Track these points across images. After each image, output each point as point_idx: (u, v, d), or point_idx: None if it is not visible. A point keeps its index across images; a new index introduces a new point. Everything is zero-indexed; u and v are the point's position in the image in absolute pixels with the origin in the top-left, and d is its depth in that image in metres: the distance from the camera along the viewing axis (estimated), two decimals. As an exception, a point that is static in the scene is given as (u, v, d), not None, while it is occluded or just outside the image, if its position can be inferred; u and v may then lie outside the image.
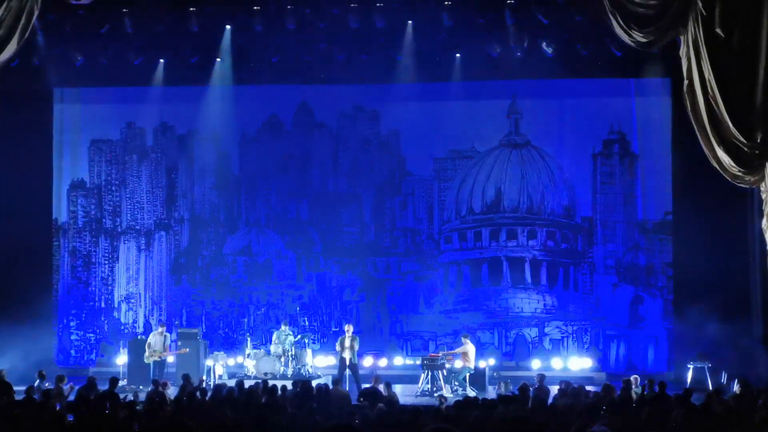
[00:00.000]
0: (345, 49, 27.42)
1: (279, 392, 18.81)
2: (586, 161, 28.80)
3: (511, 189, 29.10)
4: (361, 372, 25.32)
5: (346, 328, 25.77)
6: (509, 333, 28.75)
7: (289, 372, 25.79)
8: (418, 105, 28.93)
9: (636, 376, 21.85)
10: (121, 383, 23.22)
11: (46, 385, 21.42)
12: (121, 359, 26.69)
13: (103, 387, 20.22)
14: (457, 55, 27.56)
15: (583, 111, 28.70)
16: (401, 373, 27.10)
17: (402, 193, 29.50)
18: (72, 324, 29.73)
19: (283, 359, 26.07)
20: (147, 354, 25.87)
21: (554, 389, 20.51)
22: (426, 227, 29.42)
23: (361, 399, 19.35)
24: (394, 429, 13.45)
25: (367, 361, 27.47)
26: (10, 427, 13.39)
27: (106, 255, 29.99)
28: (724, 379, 24.27)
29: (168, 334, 26.65)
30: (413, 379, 25.56)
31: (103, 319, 29.73)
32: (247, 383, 20.76)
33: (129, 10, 25.96)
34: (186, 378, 21.17)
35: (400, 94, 28.80)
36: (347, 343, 25.24)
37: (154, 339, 26.14)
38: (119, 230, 30.00)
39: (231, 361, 27.52)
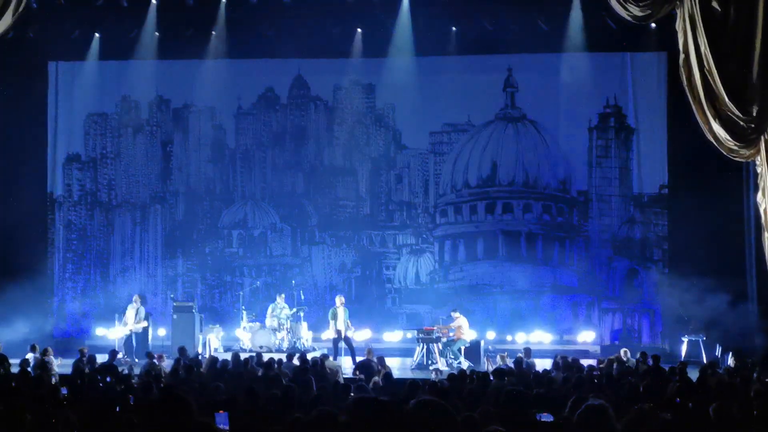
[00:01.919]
0: (340, 23, 27.39)
1: (274, 365, 18.86)
2: (582, 135, 28.77)
3: (506, 163, 29.09)
4: (354, 344, 25.35)
5: (337, 300, 25.76)
6: (505, 306, 28.75)
7: (285, 345, 25.85)
8: (414, 79, 28.83)
9: (626, 349, 21.94)
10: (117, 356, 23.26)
11: (38, 357, 21.44)
12: (117, 332, 26.66)
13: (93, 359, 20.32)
14: (453, 28, 27.50)
15: (578, 85, 28.58)
16: (396, 346, 27.15)
17: (397, 166, 29.48)
18: (68, 297, 29.75)
19: (278, 332, 26.12)
20: (119, 326, 26.07)
21: (549, 363, 20.57)
22: (421, 201, 29.42)
23: (357, 372, 19.43)
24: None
25: (363, 334, 27.45)
26: (6, 399, 13.40)
27: (102, 228, 29.97)
28: (718, 352, 24.31)
29: (141, 307, 26.65)
30: (408, 353, 25.60)
31: (98, 292, 29.73)
32: (243, 356, 20.83)
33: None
34: (182, 351, 21.23)
35: (395, 68, 28.73)
36: (340, 315, 25.25)
37: (129, 311, 26.24)
38: (114, 203, 29.98)
39: (226, 334, 27.53)
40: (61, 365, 21.88)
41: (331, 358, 21.91)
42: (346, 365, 23.16)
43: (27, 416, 10.22)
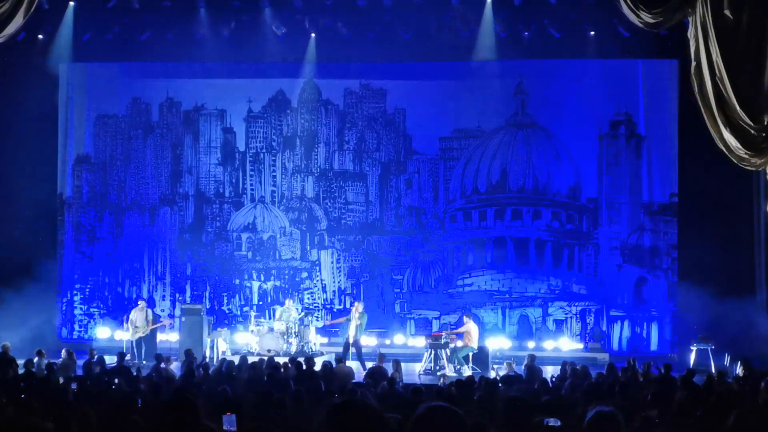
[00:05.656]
0: (352, 27, 27.40)
1: (282, 369, 18.83)
2: (593, 142, 28.75)
3: (516, 169, 29.06)
4: (364, 350, 25.30)
5: (355, 306, 25.68)
6: (513, 313, 28.75)
7: (293, 349, 25.85)
8: (425, 84, 28.91)
9: (633, 357, 21.87)
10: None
11: (45, 362, 21.41)
12: (125, 335, 26.64)
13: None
14: (464, 34, 27.48)
15: (589, 92, 28.59)
16: (404, 352, 27.11)
17: (407, 171, 29.46)
18: (76, 298, 29.78)
19: (286, 336, 26.12)
20: (131, 332, 26.00)
21: (557, 370, 20.54)
22: (431, 206, 29.39)
23: (367, 378, 19.37)
24: (396, 407, 13.43)
25: (371, 340, 27.45)
26: (15, 400, 13.41)
27: (111, 230, 29.99)
28: (726, 361, 24.24)
29: (149, 309, 26.71)
30: (416, 358, 25.57)
31: (106, 294, 29.75)
32: (251, 360, 20.80)
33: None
34: (189, 354, 21.21)
35: (406, 73, 28.84)
36: (354, 321, 25.20)
37: (136, 315, 26.22)
38: (124, 205, 29.99)
39: (234, 338, 27.55)
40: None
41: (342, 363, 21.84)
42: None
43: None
